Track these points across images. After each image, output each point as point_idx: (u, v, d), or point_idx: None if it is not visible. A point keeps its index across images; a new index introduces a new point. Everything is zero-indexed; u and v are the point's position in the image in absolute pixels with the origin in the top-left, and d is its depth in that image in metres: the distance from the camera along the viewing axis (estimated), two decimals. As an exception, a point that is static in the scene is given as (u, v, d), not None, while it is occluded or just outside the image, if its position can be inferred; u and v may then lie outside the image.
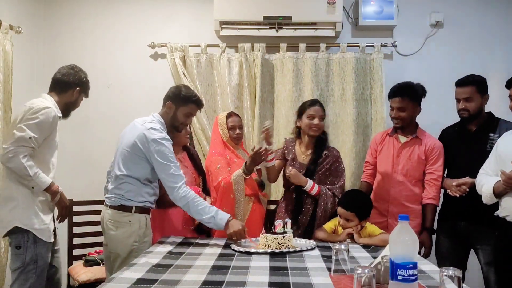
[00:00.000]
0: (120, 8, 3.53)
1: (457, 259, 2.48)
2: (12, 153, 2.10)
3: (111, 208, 2.23)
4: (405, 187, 2.56)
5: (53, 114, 2.22)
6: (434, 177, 2.55)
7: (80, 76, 2.41)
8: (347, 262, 1.57)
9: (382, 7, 3.34)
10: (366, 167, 2.80)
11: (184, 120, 2.36)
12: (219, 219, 2.15)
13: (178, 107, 2.33)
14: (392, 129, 2.70)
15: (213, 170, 2.64)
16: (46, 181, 2.21)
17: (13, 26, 2.93)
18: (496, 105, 2.58)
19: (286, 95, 3.34)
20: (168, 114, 2.34)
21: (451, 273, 1.24)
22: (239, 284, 1.48)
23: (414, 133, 2.62)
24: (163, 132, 2.25)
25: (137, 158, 2.21)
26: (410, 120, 2.61)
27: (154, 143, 2.17)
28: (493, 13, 3.45)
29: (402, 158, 2.59)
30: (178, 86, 2.45)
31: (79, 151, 2.58)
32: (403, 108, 2.56)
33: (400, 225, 1.25)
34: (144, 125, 2.24)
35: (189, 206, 2.16)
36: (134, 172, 2.22)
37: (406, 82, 2.65)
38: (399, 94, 2.56)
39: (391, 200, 2.57)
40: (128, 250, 2.17)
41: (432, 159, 2.56)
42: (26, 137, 2.12)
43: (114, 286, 1.46)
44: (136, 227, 2.20)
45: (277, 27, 3.30)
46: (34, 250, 2.17)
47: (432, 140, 2.61)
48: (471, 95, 2.45)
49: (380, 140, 2.73)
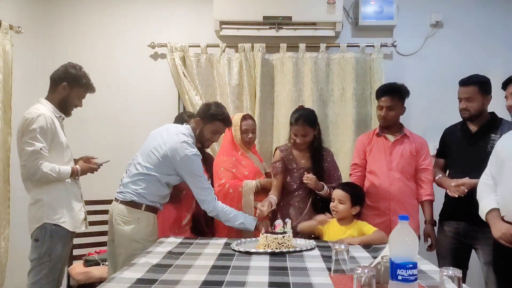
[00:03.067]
0: (120, 8, 3.54)
1: (457, 259, 2.49)
2: (34, 168, 2.21)
3: (122, 203, 2.31)
4: (403, 183, 2.62)
5: (48, 120, 2.25)
6: (427, 173, 2.65)
7: (68, 71, 2.36)
8: (347, 262, 1.57)
9: (382, 7, 3.34)
10: (355, 170, 2.77)
11: (211, 137, 2.46)
12: (249, 224, 2.37)
13: (205, 124, 2.42)
14: (379, 130, 2.73)
15: (216, 171, 2.64)
16: (68, 171, 2.32)
17: (13, 26, 2.94)
18: (496, 105, 2.57)
19: (286, 95, 3.34)
20: (196, 129, 2.44)
21: (451, 273, 1.24)
22: (239, 284, 1.48)
23: (401, 131, 2.70)
24: (194, 148, 2.34)
25: (165, 166, 2.31)
26: (397, 119, 2.69)
27: (186, 158, 2.28)
28: (493, 13, 3.45)
29: (395, 155, 2.64)
30: (208, 103, 2.52)
31: (79, 151, 2.57)
32: (392, 106, 2.62)
33: (400, 225, 1.25)
34: (178, 136, 2.32)
35: (220, 217, 2.37)
36: (158, 174, 2.30)
37: (393, 82, 2.74)
38: (389, 93, 2.63)
39: (391, 198, 2.59)
40: (133, 247, 2.22)
41: (423, 154, 2.66)
42: (38, 149, 2.21)
43: (114, 286, 1.45)
44: (143, 225, 2.28)
45: (277, 27, 3.30)
46: (49, 244, 2.25)
47: (418, 137, 2.72)
48: (472, 95, 2.45)
49: (368, 141, 2.75)
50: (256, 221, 2.39)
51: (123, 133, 3.45)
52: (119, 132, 3.47)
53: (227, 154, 2.67)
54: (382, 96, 2.64)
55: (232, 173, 2.63)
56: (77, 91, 2.40)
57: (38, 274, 2.24)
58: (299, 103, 3.27)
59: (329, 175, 2.61)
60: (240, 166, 2.65)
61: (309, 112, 2.63)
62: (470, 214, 2.33)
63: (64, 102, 2.39)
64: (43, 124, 2.22)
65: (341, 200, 2.31)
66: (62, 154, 2.35)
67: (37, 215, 2.27)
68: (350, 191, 2.34)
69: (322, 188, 2.50)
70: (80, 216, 2.41)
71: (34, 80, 3.32)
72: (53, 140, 2.29)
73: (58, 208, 2.28)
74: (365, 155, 2.74)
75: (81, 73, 2.40)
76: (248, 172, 2.66)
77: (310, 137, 2.58)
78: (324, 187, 2.51)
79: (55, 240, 2.27)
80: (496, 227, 2.03)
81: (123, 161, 2.65)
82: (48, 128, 2.24)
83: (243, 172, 2.65)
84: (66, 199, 2.33)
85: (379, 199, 2.62)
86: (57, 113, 2.37)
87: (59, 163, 2.30)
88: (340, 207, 2.31)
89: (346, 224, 2.31)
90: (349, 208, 2.30)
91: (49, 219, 2.26)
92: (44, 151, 2.22)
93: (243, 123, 2.70)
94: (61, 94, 2.37)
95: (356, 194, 2.35)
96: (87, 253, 2.98)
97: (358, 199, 2.35)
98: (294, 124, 2.56)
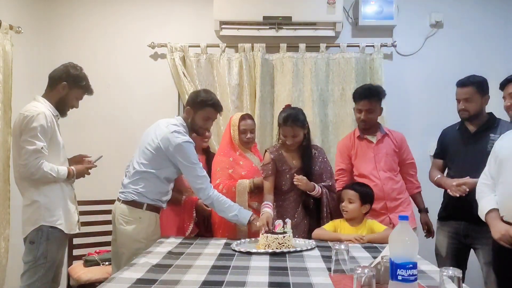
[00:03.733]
0: (120, 8, 3.54)
1: (457, 259, 2.49)
2: (35, 168, 2.18)
3: (124, 203, 2.30)
4: (393, 181, 2.65)
5: (48, 118, 2.23)
6: (412, 166, 2.76)
7: (68, 71, 2.34)
8: (347, 262, 1.57)
9: (382, 7, 3.34)
10: (341, 175, 2.72)
11: (203, 124, 2.42)
12: (242, 218, 2.30)
13: (196, 112, 2.39)
14: (359, 133, 2.74)
15: (213, 172, 2.64)
16: (65, 172, 2.30)
17: (13, 26, 2.93)
18: (496, 106, 2.58)
19: (286, 95, 3.34)
20: (188, 118, 2.41)
21: (451, 273, 1.24)
22: (239, 284, 1.48)
23: (381, 131, 2.73)
24: (186, 135, 2.31)
25: (160, 159, 2.29)
26: (376, 120, 2.72)
27: (178, 147, 2.25)
28: (493, 13, 3.45)
29: (380, 156, 2.66)
30: (197, 91, 2.51)
31: (79, 150, 2.57)
32: (372, 109, 2.64)
33: (400, 225, 1.25)
34: (168, 127, 2.30)
35: (214, 206, 2.31)
36: (156, 170, 2.29)
37: (369, 84, 2.79)
38: (367, 96, 2.63)
39: (386, 197, 2.60)
40: (136, 247, 2.21)
41: (404, 149, 2.74)
42: (39, 148, 2.18)
43: (114, 286, 1.46)
44: (145, 224, 2.28)
45: (277, 27, 3.30)
46: (45, 246, 2.23)
47: (397, 133, 2.77)
48: (470, 96, 2.45)
49: (351, 145, 2.75)
50: (250, 215, 2.32)
51: (123, 133, 3.45)
52: (119, 132, 3.47)
53: (224, 155, 2.65)
54: (361, 100, 2.64)
55: (228, 173, 2.60)
56: (75, 92, 2.38)
57: (33, 276, 2.21)
58: (299, 103, 3.27)
59: (321, 173, 2.56)
60: (238, 166, 2.63)
61: (297, 111, 2.54)
62: (469, 214, 2.33)
63: (61, 102, 2.36)
64: (43, 122, 2.19)
65: (351, 200, 2.31)
66: (59, 154, 2.33)
67: (33, 217, 2.23)
68: (359, 190, 2.35)
69: (313, 189, 2.46)
70: (75, 218, 2.40)
71: (34, 80, 3.32)
72: (52, 140, 2.27)
73: (55, 210, 2.26)
74: (350, 159, 2.73)
75: (82, 74, 2.39)
76: (246, 172, 2.63)
77: (300, 137, 2.51)
78: (316, 187, 2.46)
79: (51, 243, 2.24)
80: (495, 228, 2.03)
81: (123, 160, 2.65)
82: (48, 127, 2.22)
83: (240, 172, 2.62)
84: (62, 201, 2.31)
85: (375, 200, 2.56)
86: (54, 112, 2.34)
87: (56, 163, 2.28)
88: (350, 206, 2.31)
89: (356, 225, 2.31)
90: (359, 207, 2.30)
91: (46, 221, 2.23)
92: (44, 151, 2.20)
93: (242, 123, 2.65)
94: (60, 94, 2.34)
95: (366, 193, 2.36)
96: (87, 253, 2.97)
97: (368, 198, 2.35)
98: (282, 125, 2.48)
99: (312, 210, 2.51)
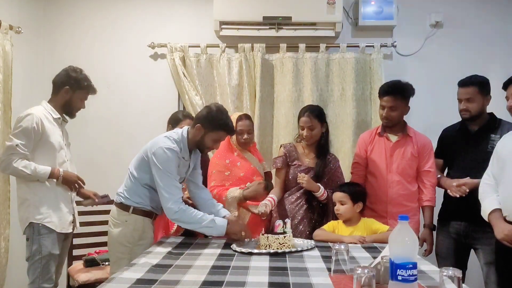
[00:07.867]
0: (119, 8, 3.54)
1: (457, 259, 2.49)
2: (5, 163, 2.27)
3: (115, 204, 2.31)
4: (402, 186, 2.54)
5: (35, 120, 2.28)
6: (429, 176, 2.55)
7: (70, 75, 2.42)
8: (347, 262, 1.57)
9: (382, 7, 3.34)
10: (356, 168, 2.68)
11: (212, 145, 2.26)
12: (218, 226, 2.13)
13: (208, 132, 2.20)
14: (381, 129, 2.66)
15: (209, 174, 2.62)
16: (46, 171, 2.31)
17: (13, 26, 2.94)
18: (496, 106, 2.58)
19: (286, 95, 3.34)
20: (196, 137, 2.22)
21: (451, 273, 1.25)
22: (239, 284, 1.48)
23: (404, 131, 2.61)
24: (174, 144, 2.17)
25: (144, 162, 2.21)
26: (400, 119, 2.60)
27: (160, 150, 2.12)
28: (493, 13, 3.45)
29: (395, 157, 2.57)
30: (210, 109, 2.22)
31: (79, 151, 2.58)
32: (395, 107, 2.53)
33: (400, 225, 1.25)
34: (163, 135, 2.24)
35: (183, 218, 2.11)
36: (138, 173, 2.24)
37: (396, 80, 2.62)
38: (391, 93, 2.53)
39: (389, 201, 2.54)
40: (120, 251, 2.21)
41: (425, 156, 2.56)
42: (14, 145, 2.25)
43: (114, 286, 1.46)
44: (131, 228, 2.22)
45: (277, 27, 3.30)
46: (38, 241, 2.29)
47: (422, 137, 2.61)
48: (472, 96, 2.44)
49: (370, 140, 2.68)
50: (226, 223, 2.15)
51: (123, 133, 3.45)
52: (119, 132, 3.47)
53: (220, 157, 2.63)
54: (384, 96, 2.55)
55: (224, 176, 2.59)
56: (79, 93, 2.46)
57: (34, 273, 2.29)
58: (299, 103, 3.27)
59: (331, 179, 2.56)
60: (235, 167, 2.60)
61: (317, 107, 2.65)
62: (470, 214, 2.34)
63: (67, 105, 2.45)
64: (28, 124, 2.27)
65: (342, 201, 2.31)
66: (53, 155, 2.37)
67: (25, 215, 2.32)
68: (347, 190, 2.33)
69: (318, 189, 2.46)
70: (68, 218, 2.43)
71: (34, 80, 3.32)
72: (41, 140, 2.32)
73: (43, 208, 2.31)
74: (366, 153, 2.67)
75: (82, 76, 2.45)
76: (244, 173, 2.61)
77: (317, 132, 2.53)
78: (321, 188, 2.47)
79: (44, 237, 2.31)
80: (498, 228, 2.03)
81: (123, 160, 2.65)
82: (33, 128, 2.27)
83: (238, 173, 2.60)
84: (53, 200, 2.36)
85: (376, 201, 2.57)
86: (55, 115, 2.40)
87: (49, 164, 2.33)
88: (342, 208, 2.30)
89: (353, 225, 2.31)
90: (352, 207, 2.30)
91: (34, 218, 2.30)
92: (21, 148, 2.25)
93: (238, 123, 2.61)
94: (64, 98, 2.43)
95: (354, 191, 2.34)
96: (87, 253, 2.97)
97: (358, 196, 2.34)
98: (301, 116, 2.55)
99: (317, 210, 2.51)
